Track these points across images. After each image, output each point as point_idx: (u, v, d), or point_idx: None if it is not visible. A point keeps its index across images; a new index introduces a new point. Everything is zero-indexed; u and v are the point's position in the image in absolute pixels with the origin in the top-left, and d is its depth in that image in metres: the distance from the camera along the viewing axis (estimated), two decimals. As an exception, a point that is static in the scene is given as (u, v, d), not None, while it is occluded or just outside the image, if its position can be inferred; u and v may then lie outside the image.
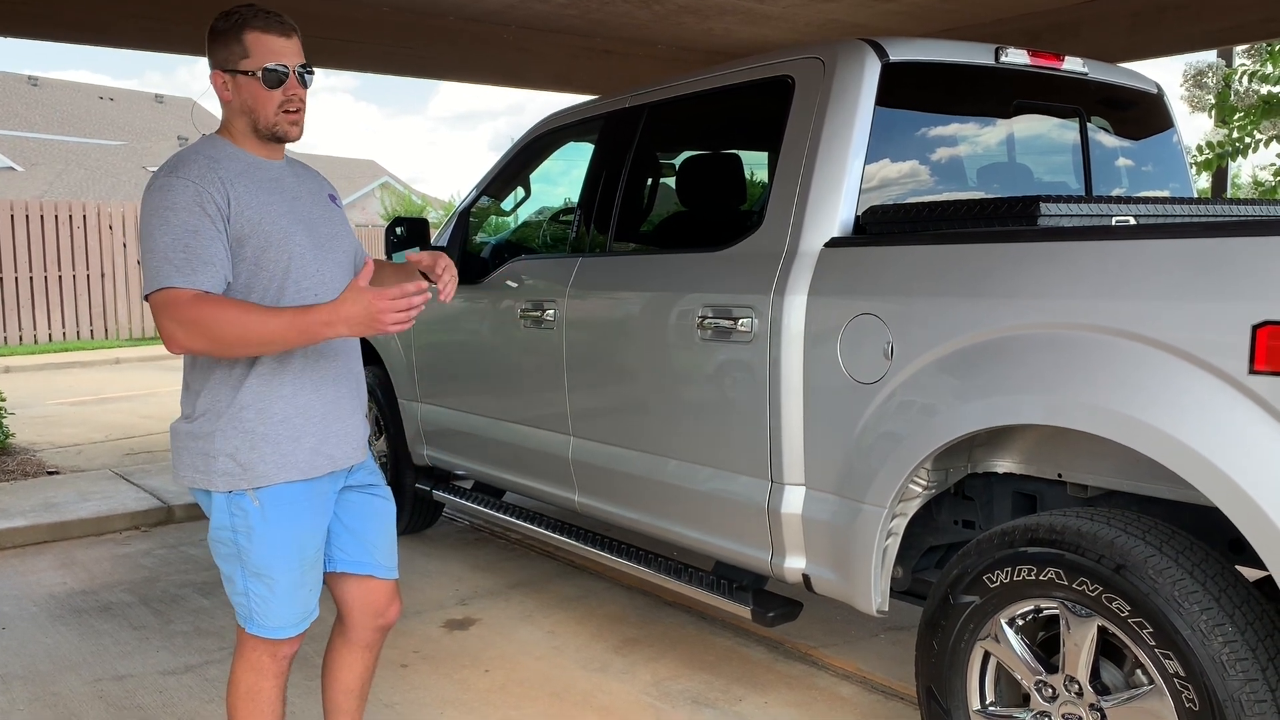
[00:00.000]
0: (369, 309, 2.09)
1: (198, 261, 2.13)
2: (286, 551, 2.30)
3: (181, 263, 2.13)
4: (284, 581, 2.31)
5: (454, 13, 6.97)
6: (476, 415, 4.46)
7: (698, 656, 3.82)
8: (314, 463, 2.32)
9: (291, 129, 2.30)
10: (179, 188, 2.16)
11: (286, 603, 2.33)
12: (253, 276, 2.24)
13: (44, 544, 5.39)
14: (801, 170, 3.03)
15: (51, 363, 13.95)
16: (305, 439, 2.31)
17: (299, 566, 2.33)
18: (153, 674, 3.71)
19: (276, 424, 2.27)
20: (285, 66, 2.24)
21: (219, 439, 2.26)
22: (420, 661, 3.80)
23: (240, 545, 2.30)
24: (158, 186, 2.19)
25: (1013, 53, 3.27)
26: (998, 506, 2.89)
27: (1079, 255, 2.33)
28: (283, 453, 2.28)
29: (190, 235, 2.14)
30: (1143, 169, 3.84)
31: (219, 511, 2.30)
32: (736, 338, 3.09)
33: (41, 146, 30.91)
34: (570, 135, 4.43)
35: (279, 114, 2.27)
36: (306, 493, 2.32)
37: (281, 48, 2.24)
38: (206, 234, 2.15)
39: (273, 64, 2.23)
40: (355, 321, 2.10)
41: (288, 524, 2.30)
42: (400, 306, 2.09)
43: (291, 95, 2.26)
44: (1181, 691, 2.09)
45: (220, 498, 2.29)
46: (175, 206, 2.15)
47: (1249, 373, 2.00)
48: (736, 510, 3.16)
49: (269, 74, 2.23)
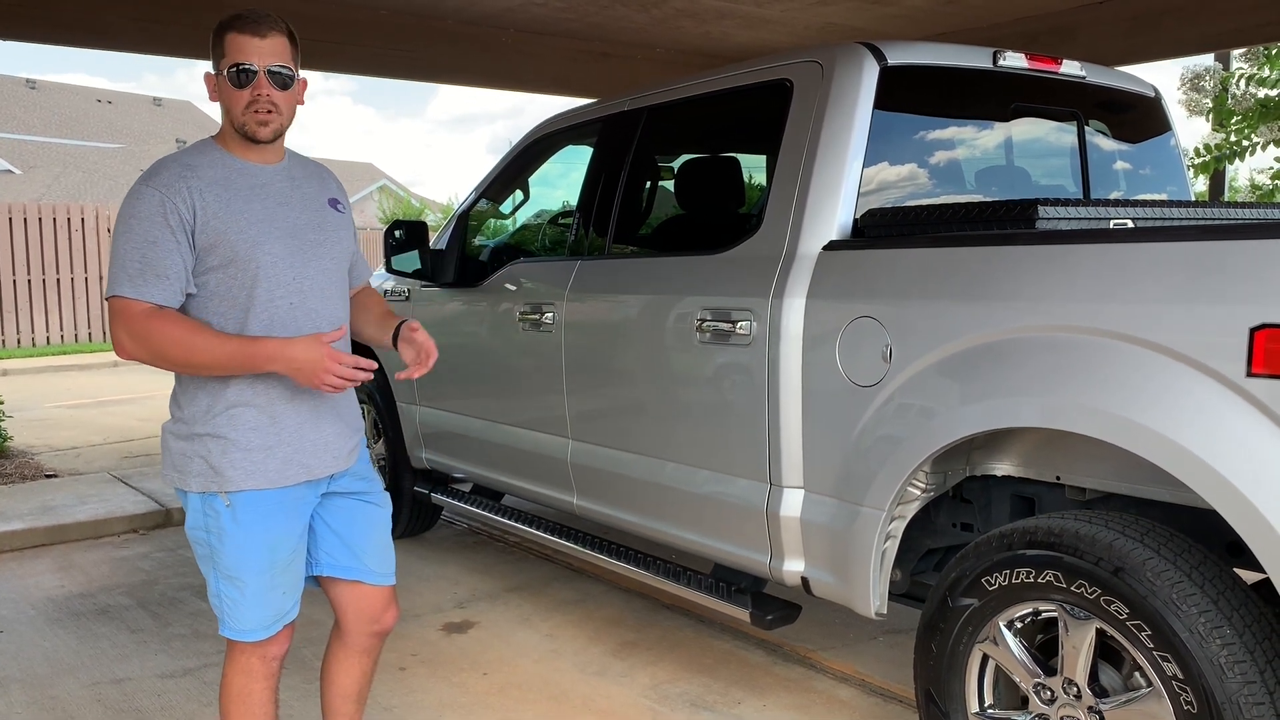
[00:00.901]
0: (317, 363, 2.17)
1: (150, 274, 2.18)
2: (257, 554, 2.31)
3: (135, 273, 2.18)
4: (254, 584, 2.32)
5: (452, 16, 6.97)
6: (475, 418, 4.45)
7: (696, 659, 3.82)
8: (285, 472, 2.32)
9: (259, 129, 2.28)
10: (146, 196, 2.21)
11: (256, 605, 2.33)
12: (220, 285, 2.26)
13: (42, 547, 5.38)
14: (800, 173, 3.03)
15: (49, 365, 13.94)
16: (278, 449, 2.31)
17: (269, 569, 2.33)
18: (151, 677, 3.70)
19: (248, 431, 2.28)
20: (253, 65, 2.22)
21: (196, 441, 2.29)
22: (418, 665, 3.79)
23: (212, 545, 2.32)
24: (131, 193, 2.24)
25: (1010, 56, 3.27)
26: (996, 509, 2.89)
27: (1077, 258, 2.34)
28: (253, 461, 2.29)
29: (148, 246, 2.18)
30: (1140, 172, 3.85)
31: (193, 511, 2.34)
32: (735, 340, 3.09)
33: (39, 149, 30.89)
34: (569, 138, 4.43)
35: (246, 113, 2.26)
36: (279, 500, 2.33)
37: (254, 48, 2.23)
38: (165, 246, 2.18)
39: (239, 62, 2.23)
40: (297, 367, 2.18)
41: (258, 528, 2.31)
42: (344, 374, 2.18)
43: (258, 95, 2.24)
44: (1180, 694, 2.10)
45: (195, 497, 2.32)
46: (139, 215, 2.20)
47: (1246, 375, 2.00)
48: (735, 513, 3.16)
49: (233, 73, 2.23)
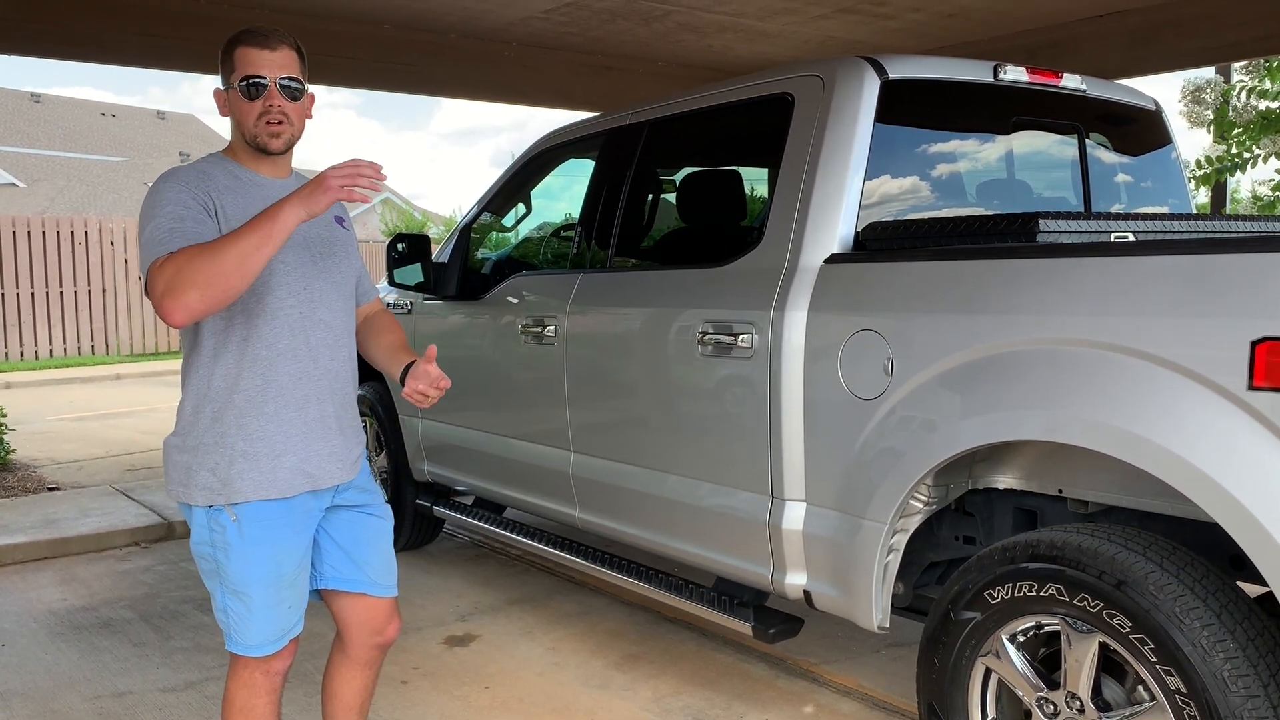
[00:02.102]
0: (318, 180, 2.07)
1: (179, 237, 2.12)
2: (263, 569, 2.30)
3: (165, 238, 2.12)
4: (260, 599, 2.31)
5: (455, 30, 7.00)
6: (477, 431, 4.46)
7: (699, 673, 3.81)
8: (293, 482, 2.32)
9: (272, 140, 2.30)
10: (167, 189, 2.22)
11: (264, 620, 2.33)
12: None
13: (44, 560, 5.38)
14: (801, 187, 3.04)
15: (52, 378, 13.95)
16: (286, 457, 2.31)
17: (276, 584, 2.33)
18: (153, 691, 3.70)
19: (256, 441, 2.28)
20: (264, 77, 2.25)
21: (201, 453, 2.28)
22: (420, 678, 3.79)
23: (219, 561, 2.31)
24: (150, 191, 2.25)
25: (1011, 70, 3.28)
26: (998, 522, 2.89)
27: (1078, 272, 2.34)
28: (261, 470, 2.29)
29: (177, 219, 2.16)
30: (1141, 185, 3.86)
31: (198, 526, 2.33)
32: (737, 353, 3.10)
33: (43, 162, 30.99)
34: (571, 152, 4.45)
35: (259, 124, 2.28)
36: (285, 511, 2.33)
37: (264, 60, 2.26)
38: (194, 215, 2.18)
39: (250, 75, 2.25)
40: (304, 193, 2.07)
41: (265, 541, 2.30)
42: (346, 170, 2.06)
43: (270, 106, 2.27)
44: (1183, 708, 2.09)
45: (200, 512, 2.31)
46: (164, 199, 2.20)
47: (1248, 389, 2.00)
48: (737, 526, 3.16)
49: (245, 85, 2.26)
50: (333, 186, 2.05)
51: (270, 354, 2.29)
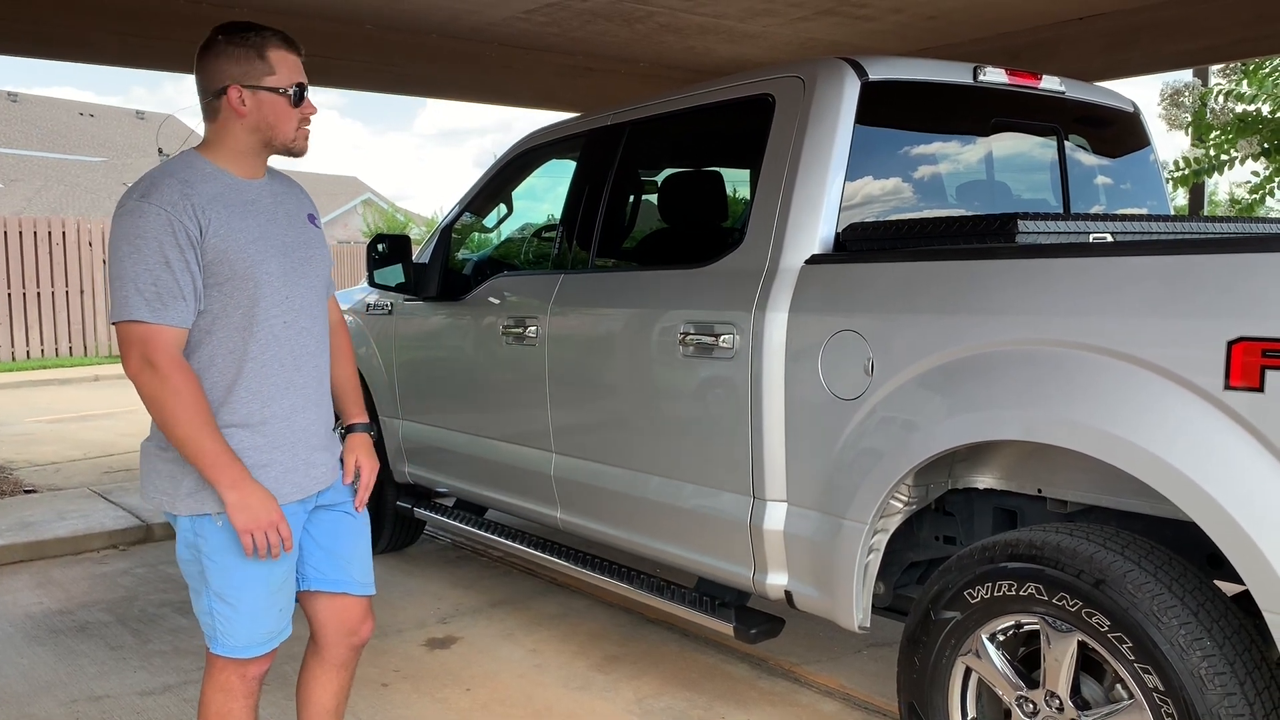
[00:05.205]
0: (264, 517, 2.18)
1: (168, 296, 2.13)
2: (253, 575, 2.28)
3: (152, 296, 2.12)
4: (249, 604, 2.29)
5: (437, 30, 6.98)
6: (458, 432, 4.44)
7: (680, 674, 3.81)
8: (279, 490, 2.29)
9: (306, 144, 2.38)
10: (151, 214, 2.14)
11: (251, 623, 2.30)
12: (219, 304, 2.23)
13: (20, 563, 5.33)
14: (782, 188, 3.04)
15: (29, 380, 13.82)
16: (272, 467, 2.29)
17: (265, 590, 2.30)
18: (130, 694, 3.67)
19: (246, 451, 2.25)
20: (306, 84, 2.33)
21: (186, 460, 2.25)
22: (401, 680, 3.77)
23: (205, 567, 2.28)
24: (129, 210, 2.16)
25: (991, 71, 3.30)
26: (978, 522, 2.90)
27: (1057, 272, 2.35)
28: None
29: (161, 268, 2.13)
30: (1120, 187, 3.88)
31: (184, 532, 2.30)
32: (718, 354, 3.10)
33: (21, 163, 30.72)
34: (552, 152, 4.44)
35: (299, 131, 2.34)
36: None
37: (300, 67, 2.33)
38: (177, 266, 2.14)
39: (300, 81, 2.31)
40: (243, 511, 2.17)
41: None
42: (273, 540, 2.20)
43: (308, 114, 2.35)
44: (1161, 706, 2.10)
45: (185, 520, 2.28)
46: (146, 234, 2.13)
47: (1224, 388, 2.02)
48: (719, 526, 3.16)
49: (296, 92, 2.30)
50: (246, 529, 2.18)
51: (258, 366, 2.27)
